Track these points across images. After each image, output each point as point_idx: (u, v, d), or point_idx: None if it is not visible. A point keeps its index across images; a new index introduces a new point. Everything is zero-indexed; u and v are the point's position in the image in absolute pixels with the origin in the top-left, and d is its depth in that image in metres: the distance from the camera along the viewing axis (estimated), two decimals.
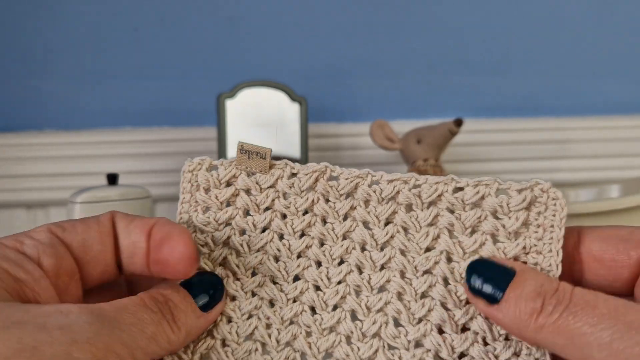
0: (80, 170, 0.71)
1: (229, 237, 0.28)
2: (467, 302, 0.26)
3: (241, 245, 0.28)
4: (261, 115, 0.63)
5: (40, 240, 0.25)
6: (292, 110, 0.64)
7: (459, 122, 0.62)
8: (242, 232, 0.28)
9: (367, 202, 0.27)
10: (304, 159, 0.63)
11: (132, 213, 0.56)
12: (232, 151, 0.61)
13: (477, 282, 0.25)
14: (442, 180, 0.27)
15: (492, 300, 0.24)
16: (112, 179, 0.56)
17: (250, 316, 0.28)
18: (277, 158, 0.28)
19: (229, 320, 0.28)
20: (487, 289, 0.24)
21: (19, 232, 0.26)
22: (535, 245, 0.26)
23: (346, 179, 0.27)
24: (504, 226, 0.26)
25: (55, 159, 0.71)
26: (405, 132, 0.66)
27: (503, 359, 0.25)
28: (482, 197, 0.26)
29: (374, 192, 0.27)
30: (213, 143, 0.70)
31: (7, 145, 0.71)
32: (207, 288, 0.27)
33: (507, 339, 0.26)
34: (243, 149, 0.28)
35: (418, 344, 0.26)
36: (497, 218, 0.26)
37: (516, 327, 0.24)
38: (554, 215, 0.26)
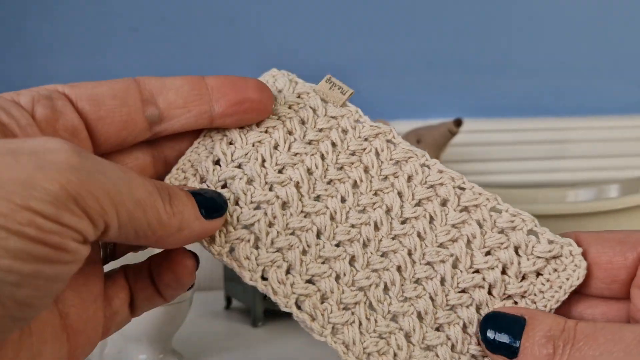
0: None
1: (275, 127, 0.28)
2: (452, 309, 0.27)
3: (284, 140, 0.28)
4: None
5: (39, 92, 0.24)
6: None
7: (458, 122, 0.62)
8: (290, 132, 0.28)
9: (410, 178, 0.28)
10: None
11: None
12: None
13: (493, 335, 0.25)
14: (485, 194, 0.28)
15: (511, 353, 0.25)
16: None
17: (258, 207, 0.28)
18: None
19: (236, 202, 0.27)
20: (504, 340, 0.25)
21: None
22: (535, 295, 0.26)
23: (403, 148, 0.28)
24: (519, 264, 0.27)
25: None
26: (405, 132, 0.66)
27: None
28: (514, 228, 0.27)
29: (422, 172, 0.28)
30: None
31: None
32: (212, 201, 0.25)
33: (473, 356, 0.26)
34: (330, 79, 0.29)
35: (395, 319, 0.27)
36: (517, 254, 0.27)
37: None
38: (567, 279, 0.26)
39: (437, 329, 0.27)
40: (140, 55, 0.73)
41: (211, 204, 0.25)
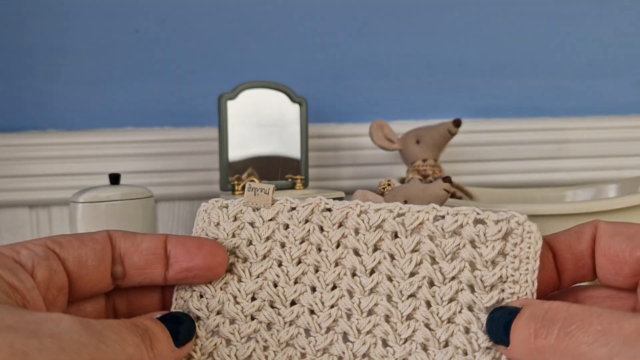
0: (83, 170, 0.72)
1: (232, 264, 0.30)
2: (449, 321, 0.28)
3: (243, 271, 0.30)
4: (262, 116, 0.63)
5: (37, 252, 0.26)
6: (292, 111, 0.64)
7: (457, 123, 0.63)
8: (245, 260, 0.30)
9: (356, 231, 0.30)
10: (304, 159, 0.64)
11: (134, 213, 0.56)
12: (233, 151, 0.61)
13: (493, 330, 0.26)
14: (423, 209, 0.29)
15: (505, 342, 0.25)
16: (114, 178, 0.56)
17: (248, 339, 0.29)
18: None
19: (228, 343, 0.29)
20: (500, 333, 0.25)
21: (17, 242, 0.27)
22: (512, 275, 0.27)
23: (337, 209, 0.30)
24: (481, 255, 0.28)
25: (57, 159, 0.72)
26: (405, 133, 0.66)
27: None
28: (461, 226, 0.28)
29: (362, 220, 0.29)
30: (214, 143, 0.70)
31: (10, 145, 0.71)
32: (181, 326, 0.28)
33: (487, 348, 0.27)
34: (250, 187, 0.31)
35: None
36: (474, 247, 0.28)
37: (525, 359, 0.24)
38: (529, 248, 0.27)
39: (444, 346, 0.28)
40: (141, 56, 0.74)
41: (182, 333, 0.28)
